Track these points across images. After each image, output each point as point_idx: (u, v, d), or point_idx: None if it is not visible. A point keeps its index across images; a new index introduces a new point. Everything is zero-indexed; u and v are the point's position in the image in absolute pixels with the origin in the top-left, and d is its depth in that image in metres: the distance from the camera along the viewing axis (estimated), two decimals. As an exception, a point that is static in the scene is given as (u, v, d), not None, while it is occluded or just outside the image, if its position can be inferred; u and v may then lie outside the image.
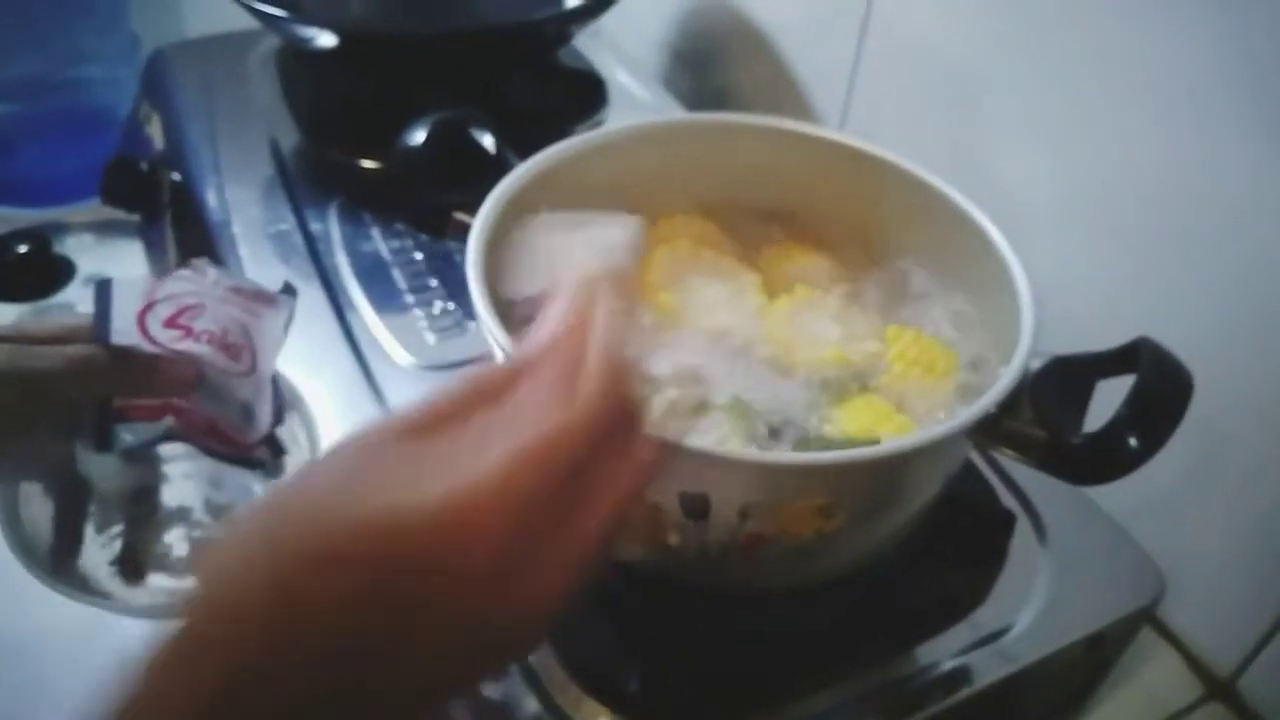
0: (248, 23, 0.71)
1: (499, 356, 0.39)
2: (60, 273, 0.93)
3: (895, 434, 0.41)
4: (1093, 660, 0.48)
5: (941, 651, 0.45)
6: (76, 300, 0.93)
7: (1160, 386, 0.37)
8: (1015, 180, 0.59)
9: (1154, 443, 0.36)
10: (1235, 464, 0.50)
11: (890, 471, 0.38)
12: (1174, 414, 0.36)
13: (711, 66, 0.90)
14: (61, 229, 0.99)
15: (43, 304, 0.91)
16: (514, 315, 0.40)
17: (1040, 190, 0.58)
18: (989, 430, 0.38)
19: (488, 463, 0.25)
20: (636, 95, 0.82)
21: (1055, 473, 0.38)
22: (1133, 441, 0.35)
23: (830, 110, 0.75)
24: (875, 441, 0.39)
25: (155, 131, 0.79)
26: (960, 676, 0.44)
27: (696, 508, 0.37)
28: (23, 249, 0.90)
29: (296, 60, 0.80)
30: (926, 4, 0.64)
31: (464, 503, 0.25)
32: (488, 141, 0.50)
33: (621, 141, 0.50)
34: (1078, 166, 0.56)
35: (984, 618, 0.46)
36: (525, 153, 0.48)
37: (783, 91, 0.79)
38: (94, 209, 0.85)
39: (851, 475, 0.37)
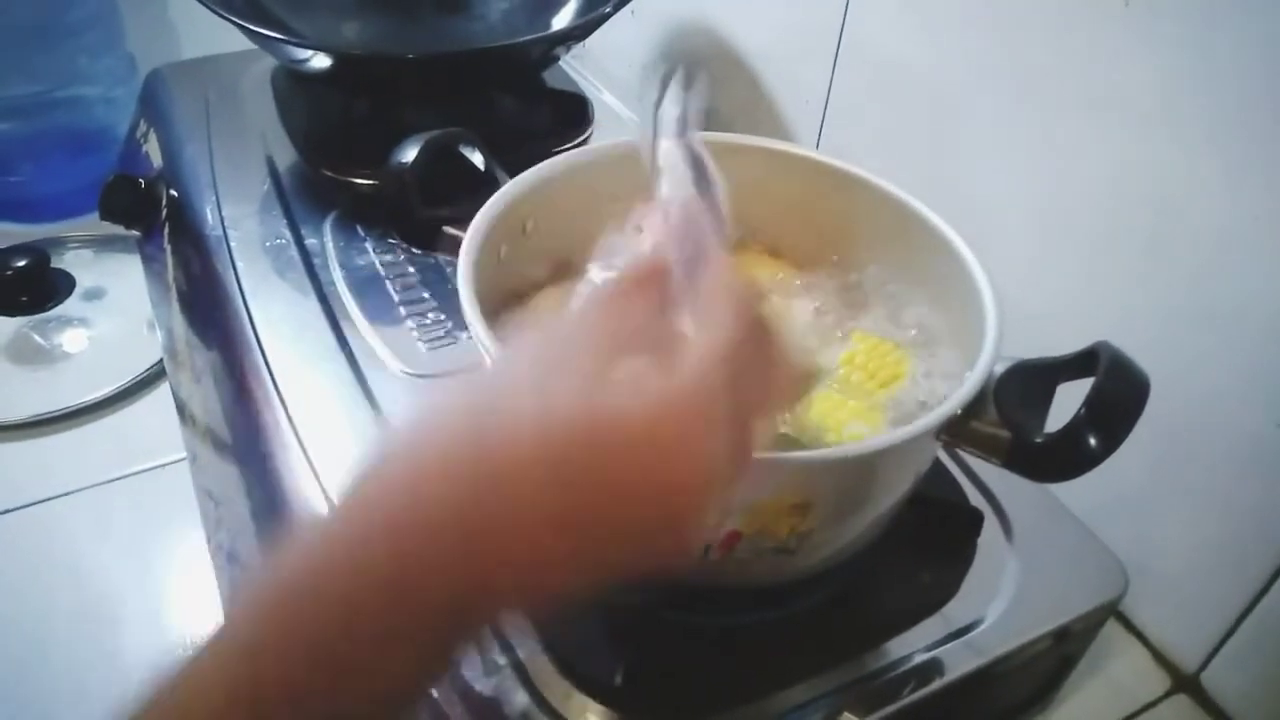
0: (243, 44, 0.73)
1: (488, 364, 0.41)
2: (58, 287, 0.94)
3: (864, 427, 0.43)
4: (1060, 653, 0.50)
5: (914, 645, 0.46)
6: (74, 313, 0.94)
7: (1118, 388, 0.38)
8: (984, 194, 0.60)
9: (1112, 442, 0.36)
10: (1197, 462, 0.51)
11: (862, 470, 0.40)
12: (1131, 414, 0.37)
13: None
14: (60, 244, 1.01)
15: (41, 317, 0.92)
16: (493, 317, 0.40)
17: (1007, 203, 0.59)
18: (956, 431, 0.39)
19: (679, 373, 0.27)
20: (621, 115, 0.83)
21: (1019, 471, 0.39)
22: (1092, 441, 0.36)
23: (807, 128, 0.76)
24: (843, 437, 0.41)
25: (153, 149, 0.80)
26: (932, 669, 0.45)
27: (677, 506, 0.39)
28: (21, 263, 0.91)
29: (291, 81, 0.81)
30: (898, 26, 0.65)
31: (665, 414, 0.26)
32: (477, 159, 0.51)
33: (605, 159, 0.51)
34: (1043, 180, 0.57)
35: (954, 613, 0.47)
36: (513, 170, 0.49)
37: (761, 111, 0.81)
38: (93, 225, 0.86)
39: (825, 474, 0.38)
